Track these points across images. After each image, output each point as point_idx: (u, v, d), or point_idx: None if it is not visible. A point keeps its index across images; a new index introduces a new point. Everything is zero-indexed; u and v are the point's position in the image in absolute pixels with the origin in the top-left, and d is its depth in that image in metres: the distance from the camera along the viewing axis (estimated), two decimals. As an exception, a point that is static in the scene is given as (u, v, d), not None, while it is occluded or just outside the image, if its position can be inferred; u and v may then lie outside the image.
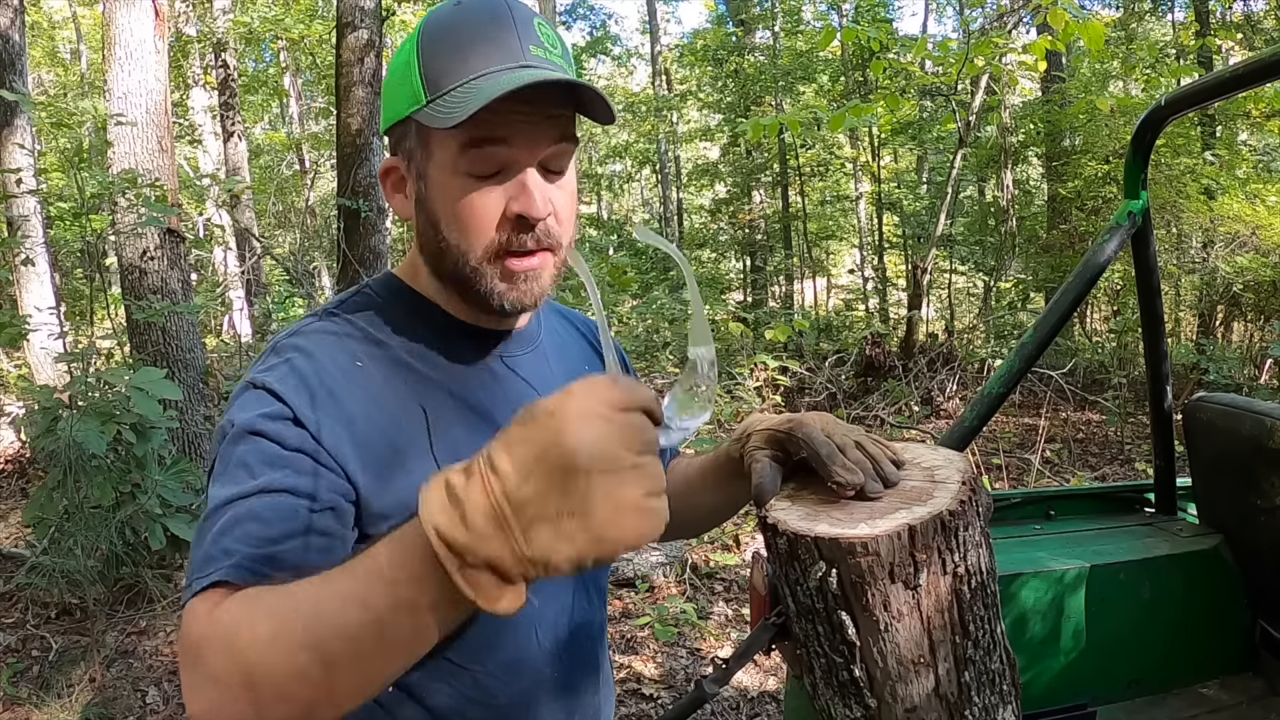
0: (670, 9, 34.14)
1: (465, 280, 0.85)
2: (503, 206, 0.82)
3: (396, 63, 0.85)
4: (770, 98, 13.01)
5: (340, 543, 0.76)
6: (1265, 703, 1.77)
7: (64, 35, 15.18)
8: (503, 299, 0.84)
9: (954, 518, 0.80)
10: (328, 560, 0.70)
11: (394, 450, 0.82)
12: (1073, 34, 5.16)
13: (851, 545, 0.78)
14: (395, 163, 0.87)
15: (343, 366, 0.83)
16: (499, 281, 0.84)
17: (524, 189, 0.81)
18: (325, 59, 11.92)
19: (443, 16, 0.83)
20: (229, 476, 0.75)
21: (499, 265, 0.83)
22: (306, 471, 0.76)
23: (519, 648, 0.90)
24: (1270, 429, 1.73)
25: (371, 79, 5.54)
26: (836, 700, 0.85)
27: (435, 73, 0.81)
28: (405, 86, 0.83)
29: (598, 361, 1.09)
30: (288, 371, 0.81)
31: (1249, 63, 1.55)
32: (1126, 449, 6.47)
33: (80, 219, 5.16)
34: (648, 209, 21.03)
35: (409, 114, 0.83)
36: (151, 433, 3.49)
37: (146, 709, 3.10)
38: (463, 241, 0.83)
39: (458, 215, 0.82)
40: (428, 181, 0.84)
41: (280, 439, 0.76)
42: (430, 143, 0.83)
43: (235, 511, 0.72)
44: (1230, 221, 7.18)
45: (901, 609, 0.79)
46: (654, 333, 9.77)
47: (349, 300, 0.91)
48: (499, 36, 0.81)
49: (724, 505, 1.12)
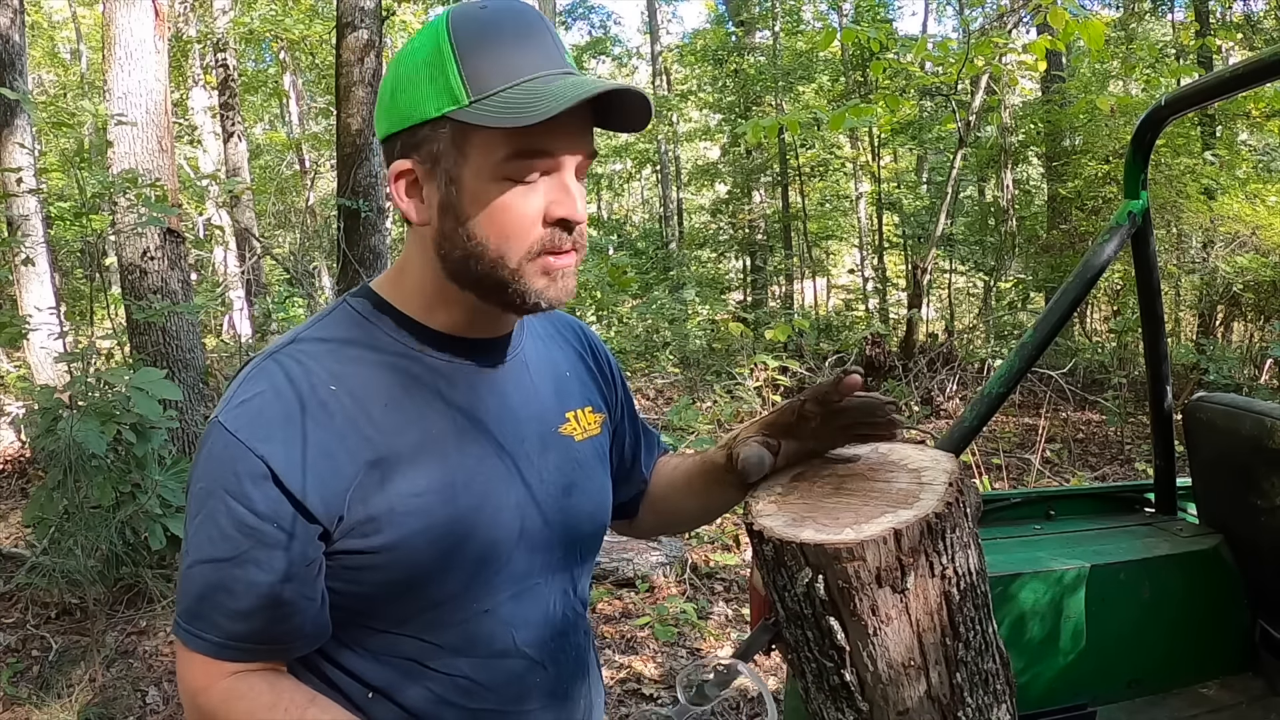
0: (670, 9, 34.14)
1: (501, 283, 0.84)
2: (543, 209, 0.82)
3: (412, 62, 0.82)
4: (770, 98, 13.00)
5: (307, 601, 0.84)
6: (1265, 703, 1.77)
7: (64, 35, 15.18)
8: (540, 297, 0.85)
9: (940, 520, 0.80)
10: (291, 625, 0.83)
11: (381, 459, 0.83)
12: (1073, 34, 5.16)
13: (837, 551, 0.78)
14: (409, 165, 0.84)
15: (324, 382, 0.84)
16: (539, 279, 0.84)
17: (567, 193, 0.83)
18: (325, 59, 11.92)
19: (472, 17, 0.81)
20: (203, 532, 0.82)
21: (538, 264, 0.84)
22: (274, 544, 0.81)
23: (496, 650, 0.91)
24: (1270, 429, 1.73)
25: (371, 79, 5.53)
26: (829, 705, 0.85)
27: (479, 73, 0.79)
28: (433, 86, 0.80)
29: (580, 365, 1.08)
30: (261, 406, 0.82)
31: (1249, 63, 1.55)
32: (1126, 449, 6.46)
33: (80, 219, 5.16)
34: (648, 209, 21.03)
35: (442, 114, 0.80)
36: (151, 433, 3.49)
37: (146, 709, 3.10)
38: (504, 244, 0.82)
39: (499, 219, 0.82)
40: (460, 185, 0.82)
41: (249, 503, 0.80)
42: (468, 145, 0.80)
43: (208, 577, 0.82)
44: (1230, 221, 7.18)
45: (890, 613, 0.79)
46: (654, 333, 9.77)
47: (330, 316, 0.91)
48: (539, 40, 0.82)
49: (709, 508, 1.12)
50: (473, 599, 0.89)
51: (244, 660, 0.84)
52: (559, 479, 0.96)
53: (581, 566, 1.02)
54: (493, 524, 0.88)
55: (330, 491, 0.81)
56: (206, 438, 0.84)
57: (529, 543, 0.92)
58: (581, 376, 1.07)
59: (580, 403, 1.03)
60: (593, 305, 9.54)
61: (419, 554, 0.84)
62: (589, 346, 1.11)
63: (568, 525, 0.97)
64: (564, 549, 0.97)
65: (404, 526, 0.83)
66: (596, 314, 9.94)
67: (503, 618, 0.91)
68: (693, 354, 9.14)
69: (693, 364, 8.90)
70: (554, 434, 0.97)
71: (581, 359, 1.09)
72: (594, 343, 1.12)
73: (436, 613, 0.87)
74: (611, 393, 1.11)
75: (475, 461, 0.88)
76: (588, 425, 1.02)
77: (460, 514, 0.86)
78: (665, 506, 1.16)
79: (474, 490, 0.87)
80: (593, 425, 1.03)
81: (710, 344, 9.59)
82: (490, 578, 0.89)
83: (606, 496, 1.05)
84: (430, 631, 0.88)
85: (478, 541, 0.87)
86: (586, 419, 1.02)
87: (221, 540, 0.81)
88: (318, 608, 0.85)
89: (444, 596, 0.87)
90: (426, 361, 0.89)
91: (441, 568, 0.86)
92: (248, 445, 0.80)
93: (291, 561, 0.81)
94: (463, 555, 0.86)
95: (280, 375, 0.84)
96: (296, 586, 0.82)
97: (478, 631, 0.90)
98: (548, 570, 0.95)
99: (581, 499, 0.99)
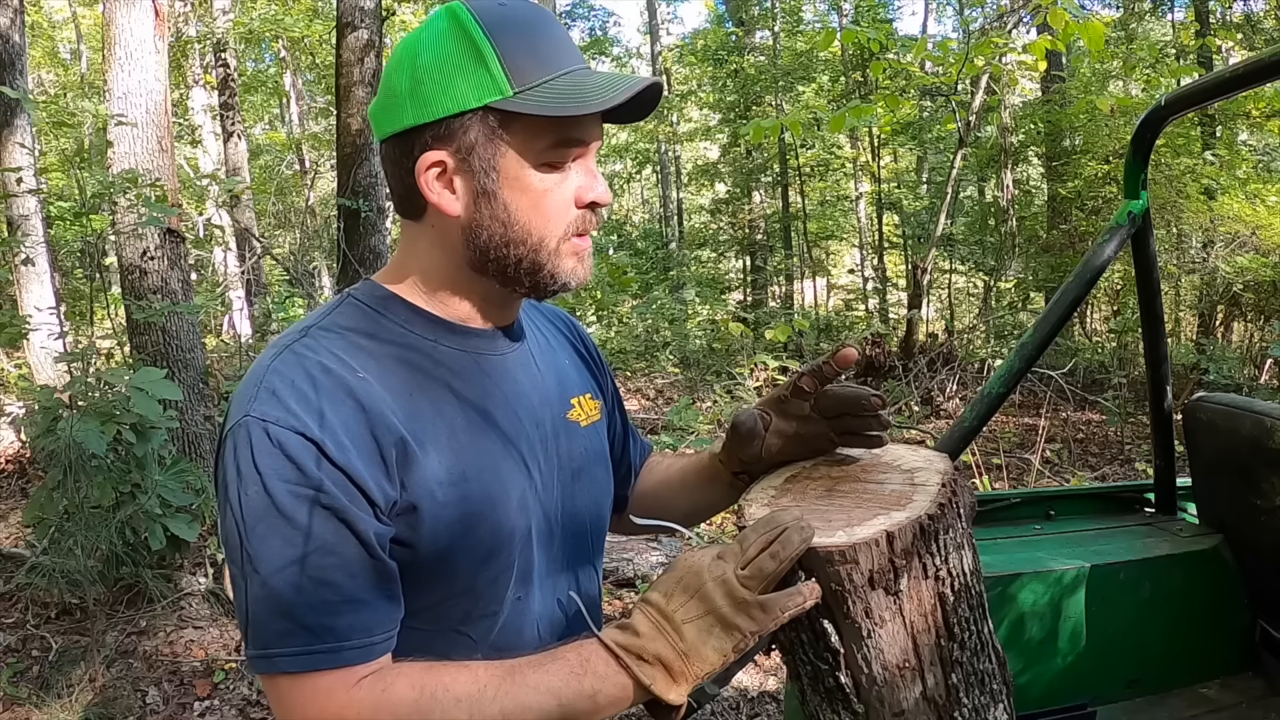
0: (670, 9, 34.14)
1: (536, 265, 0.87)
2: (575, 193, 0.87)
3: (436, 54, 0.83)
4: (770, 97, 13.00)
5: (394, 568, 0.82)
6: (1265, 703, 1.76)
7: (64, 35, 15.18)
8: (570, 277, 0.90)
9: (933, 521, 0.80)
10: (397, 591, 0.81)
11: (407, 448, 0.83)
12: (1073, 34, 5.15)
13: (829, 554, 0.78)
14: (442, 156, 0.84)
15: (351, 369, 0.83)
16: (569, 260, 0.89)
17: (595, 177, 0.88)
18: (325, 59, 11.91)
19: (495, 12, 0.83)
20: (271, 539, 0.76)
21: (571, 246, 0.88)
22: (352, 517, 0.78)
23: (524, 644, 0.91)
24: (1270, 429, 1.72)
25: (371, 79, 5.53)
26: (825, 706, 0.85)
27: (519, 65, 0.82)
28: (473, 77, 0.81)
29: (575, 354, 1.10)
30: (294, 393, 0.80)
31: (1249, 63, 1.55)
32: (1126, 449, 6.46)
33: (80, 219, 5.16)
34: (648, 209, 21.02)
35: (484, 105, 0.82)
36: (151, 433, 3.48)
37: (146, 709, 3.10)
38: (545, 228, 0.86)
39: (542, 203, 0.86)
40: (499, 172, 0.84)
41: (315, 483, 0.77)
42: (509, 134, 0.83)
43: (295, 581, 0.76)
44: (1230, 221, 7.17)
45: (884, 615, 0.79)
46: (654, 333, 9.77)
47: (337, 310, 0.91)
48: (563, 36, 0.87)
49: (699, 507, 1.14)
50: (502, 587, 0.89)
51: (368, 659, 0.78)
52: (570, 464, 0.98)
53: (591, 556, 1.03)
54: (505, 514, 0.89)
55: (378, 474, 0.80)
56: (239, 441, 0.78)
57: (540, 533, 0.93)
58: (578, 364, 1.09)
59: (581, 389, 1.05)
60: (593, 305, 9.54)
61: (438, 543, 0.84)
62: (578, 336, 1.13)
63: (576, 513, 0.98)
64: (574, 537, 0.98)
65: (425, 518, 0.83)
66: (596, 314, 9.93)
67: (528, 611, 0.92)
68: (693, 354, 9.14)
69: (693, 364, 8.90)
70: (564, 420, 0.99)
71: (574, 348, 1.11)
72: (581, 332, 1.15)
73: (459, 603, 0.88)
74: (604, 381, 1.14)
75: (487, 451, 0.89)
76: (590, 411, 1.04)
77: (473, 505, 0.86)
78: (654, 503, 1.17)
79: (486, 480, 0.87)
80: (594, 412, 1.05)
81: (710, 344, 9.59)
82: (506, 567, 0.89)
83: (610, 485, 1.07)
84: (464, 623, 0.88)
85: (492, 532, 0.87)
86: (589, 405, 1.04)
87: (297, 535, 0.76)
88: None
89: (461, 587, 0.87)
90: (436, 353, 0.89)
91: (458, 558, 0.86)
92: (291, 429, 0.77)
93: (372, 528, 0.78)
94: (478, 545, 0.86)
95: (304, 363, 0.82)
96: (383, 553, 0.80)
97: (508, 625, 0.90)
98: (559, 560, 0.96)
99: (590, 485, 1.01)
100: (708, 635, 0.78)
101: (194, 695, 3.18)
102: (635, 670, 0.78)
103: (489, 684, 0.77)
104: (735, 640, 0.78)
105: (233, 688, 3.23)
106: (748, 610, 0.77)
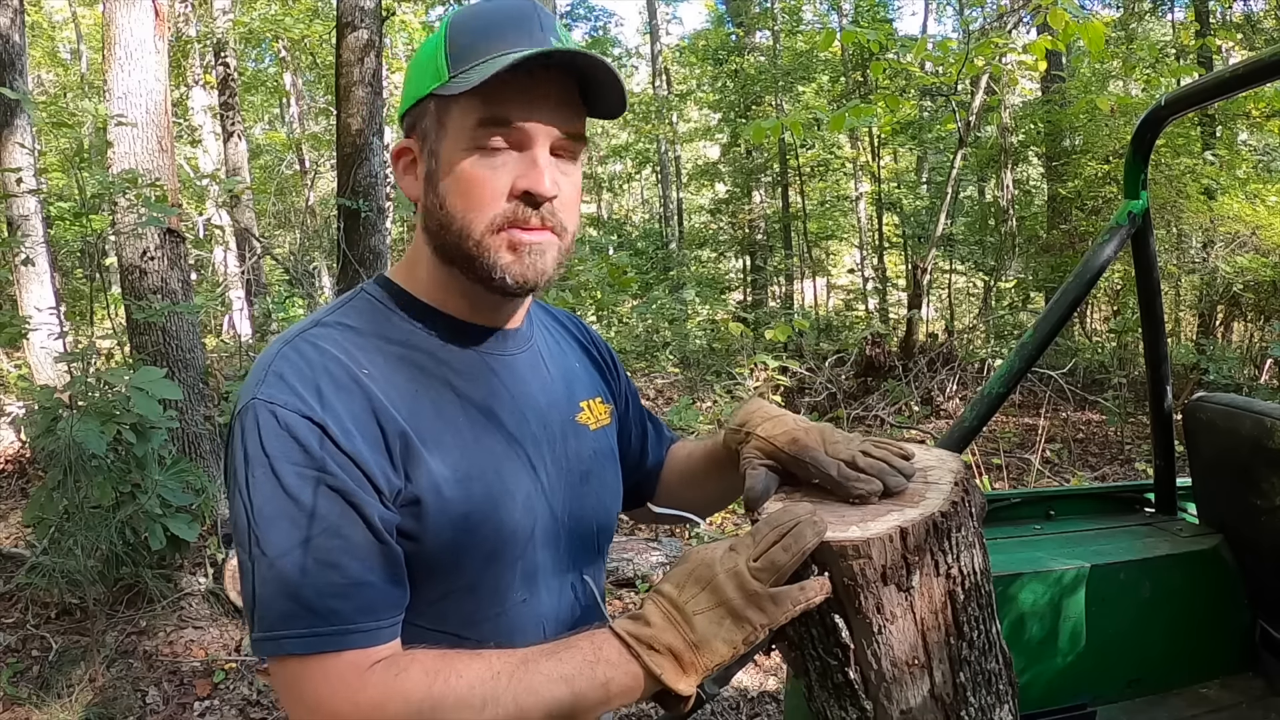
0: (670, 9, 34.13)
1: (469, 256, 0.85)
2: (511, 182, 0.84)
3: (420, 54, 0.88)
4: (770, 98, 13.00)
5: (398, 550, 0.82)
6: (1265, 703, 1.77)
7: (64, 35, 15.17)
8: (506, 273, 0.85)
9: (946, 519, 0.80)
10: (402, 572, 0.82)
11: (410, 444, 0.83)
12: (1073, 34, 5.15)
13: (843, 548, 0.78)
14: (409, 144, 0.89)
15: (358, 362, 0.84)
16: (504, 253, 0.85)
17: (534, 166, 0.83)
18: (325, 59, 11.91)
19: (470, 10, 0.87)
20: (277, 521, 0.76)
21: (503, 238, 0.84)
22: (357, 500, 0.78)
23: (529, 644, 0.91)
24: (1270, 429, 1.72)
25: (371, 79, 5.53)
26: (832, 702, 0.85)
27: (459, 52, 0.84)
28: (429, 68, 0.86)
29: (586, 357, 1.10)
30: (300, 378, 0.81)
31: (1249, 63, 1.55)
32: (1126, 449, 6.46)
33: (80, 219, 5.14)
34: (648, 209, 21.02)
35: (430, 91, 0.85)
36: (151, 433, 3.48)
37: (146, 709, 3.10)
38: (468, 214, 0.84)
39: (465, 188, 0.84)
40: (439, 158, 0.86)
41: (319, 464, 0.77)
42: (446, 119, 0.85)
43: (300, 563, 0.76)
44: (1230, 221, 7.18)
45: (895, 611, 0.79)
46: (654, 333, 9.77)
47: (349, 304, 0.92)
48: (522, 23, 0.85)
49: (717, 497, 1.15)
50: (505, 588, 0.90)
51: (375, 643, 0.78)
52: (578, 466, 0.98)
53: (596, 557, 1.03)
54: (510, 514, 0.89)
55: (383, 462, 0.81)
56: (246, 424, 0.79)
57: (545, 534, 0.93)
58: (589, 368, 1.09)
59: (591, 393, 1.05)
60: (593, 305, 9.54)
61: (441, 540, 0.84)
62: (590, 339, 1.14)
63: (582, 515, 0.98)
64: (581, 539, 0.99)
65: (429, 513, 0.83)
66: (596, 314, 9.93)
67: (534, 611, 0.92)
68: (693, 354, 9.14)
69: (693, 364, 8.89)
70: (572, 423, 1.00)
71: (586, 351, 1.11)
72: (594, 336, 1.15)
73: (462, 603, 0.88)
74: (616, 384, 1.14)
75: (491, 452, 0.89)
76: (600, 415, 1.04)
77: (477, 504, 0.86)
78: (676, 495, 1.19)
79: (490, 480, 0.88)
80: (604, 415, 1.05)
81: (710, 344, 9.58)
82: (509, 567, 0.90)
83: (619, 487, 1.07)
84: (466, 627, 0.88)
85: (495, 532, 0.88)
86: (598, 409, 1.05)
87: (303, 517, 0.76)
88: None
89: (464, 586, 0.87)
90: (442, 353, 0.90)
91: (462, 555, 0.86)
92: (298, 412, 0.78)
93: (378, 512, 0.79)
94: (481, 545, 0.87)
95: (313, 352, 0.83)
96: (390, 538, 0.80)
97: (515, 625, 0.91)
98: (565, 561, 0.97)
99: (598, 488, 1.01)
100: (718, 627, 0.78)
101: (194, 695, 3.18)
102: (646, 660, 0.78)
103: (503, 671, 0.77)
104: (746, 633, 0.78)
105: (233, 688, 3.23)
106: (759, 603, 0.77)
